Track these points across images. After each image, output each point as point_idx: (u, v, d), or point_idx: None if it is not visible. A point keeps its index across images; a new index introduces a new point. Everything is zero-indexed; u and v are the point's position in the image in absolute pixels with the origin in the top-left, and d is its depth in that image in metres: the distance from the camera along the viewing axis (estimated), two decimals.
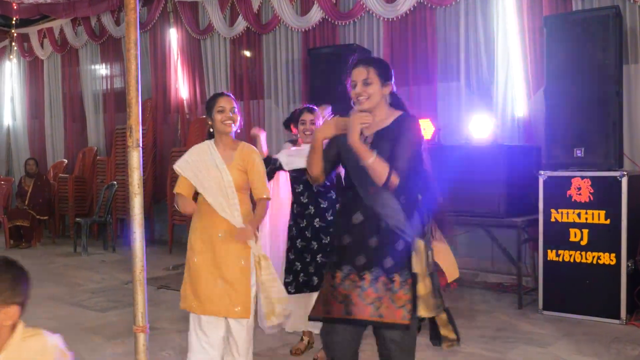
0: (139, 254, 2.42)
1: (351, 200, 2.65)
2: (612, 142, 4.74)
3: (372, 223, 2.58)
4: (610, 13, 4.76)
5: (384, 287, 2.52)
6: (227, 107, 3.20)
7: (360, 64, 2.67)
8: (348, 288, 2.55)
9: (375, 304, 2.51)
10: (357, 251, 2.58)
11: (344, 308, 2.55)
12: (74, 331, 4.63)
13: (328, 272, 2.66)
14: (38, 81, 11.32)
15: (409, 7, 6.51)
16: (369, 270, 2.54)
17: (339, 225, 2.69)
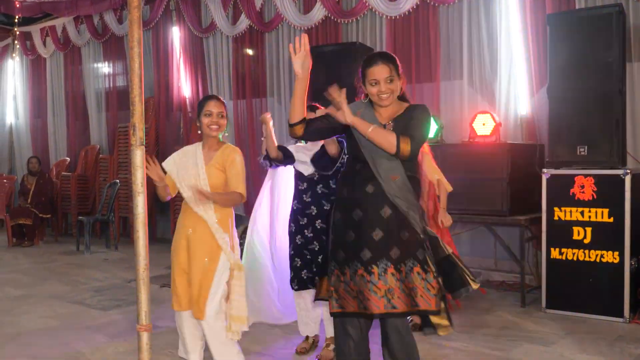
0: (143, 252, 2.42)
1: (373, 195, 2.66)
2: (615, 140, 4.73)
3: (373, 216, 2.65)
4: (613, 11, 4.75)
5: (393, 278, 2.61)
6: (215, 112, 3.25)
7: (380, 61, 2.69)
8: (359, 284, 2.62)
9: (387, 296, 2.60)
10: (362, 246, 2.65)
11: (359, 303, 2.63)
12: (76, 330, 4.63)
13: (336, 269, 2.70)
14: (40, 79, 11.33)
15: (412, 5, 6.50)
16: (376, 263, 2.62)
17: (343, 222, 2.71)
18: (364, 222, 2.66)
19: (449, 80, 6.43)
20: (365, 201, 2.67)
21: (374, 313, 2.60)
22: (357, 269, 2.65)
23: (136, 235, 2.42)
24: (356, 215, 2.69)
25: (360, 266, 2.64)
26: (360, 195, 2.68)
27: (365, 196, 2.67)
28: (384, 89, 2.67)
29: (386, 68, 2.66)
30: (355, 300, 2.66)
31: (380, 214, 2.64)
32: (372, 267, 2.61)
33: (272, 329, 4.42)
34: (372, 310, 2.60)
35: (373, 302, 2.59)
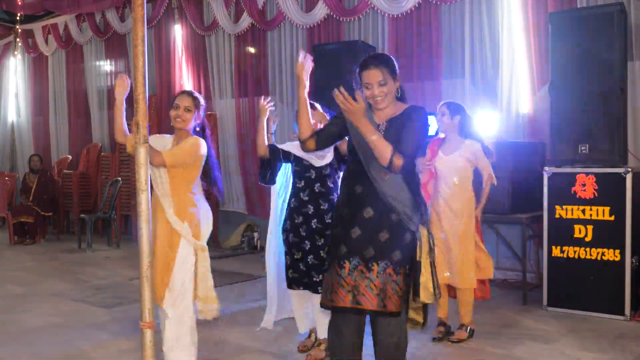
0: (146, 250, 2.43)
1: (361, 193, 2.72)
2: (616, 139, 4.74)
3: (383, 217, 2.67)
4: (614, 10, 4.75)
5: (389, 279, 2.64)
6: (181, 105, 3.41)
7: (372, 65, 2.72)
8: (357, 279, 2.65)
9: (381, 295, 2.63)
10: (366, 244, 2.67)
11: (352, 298, 2.65)
12: (79, 327, 4.65)
13: (335, 262, 2.73)
14: (42, 77, 11.34)
15: (414, 3, 6.50)
16: (377, 262, 2.65)
17: (350, 218, 2.73)
18: (347, 220, 2.73)
19: (451, 78, 6.44)
20: (352, 200, 2.73)
21: (337, 305, 2.68)
22: (331, 264, 2.74)
23: (140, 232, 2.43)
24: (343, 212, 2.77)
25: (335, 260, 2.73)
26: (349, 194, 2.76)
27: (353, 196, 2.73)
28: (376, 92, 2.70)
29: (378, 72, 2.69)
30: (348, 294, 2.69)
31: (363, 214, 2.69)
32: (344, 262, 2.68)
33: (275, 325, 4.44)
34: (336, 303, 2.67)
35: (340, 296, 2.66)
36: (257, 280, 6.27)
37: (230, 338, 4.36)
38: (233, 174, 8.44)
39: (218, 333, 4.46)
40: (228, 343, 4.25)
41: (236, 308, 5.19)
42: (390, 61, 2.76)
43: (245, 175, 8.27)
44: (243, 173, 8.29)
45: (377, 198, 2.67)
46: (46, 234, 9.64)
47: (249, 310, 5.09)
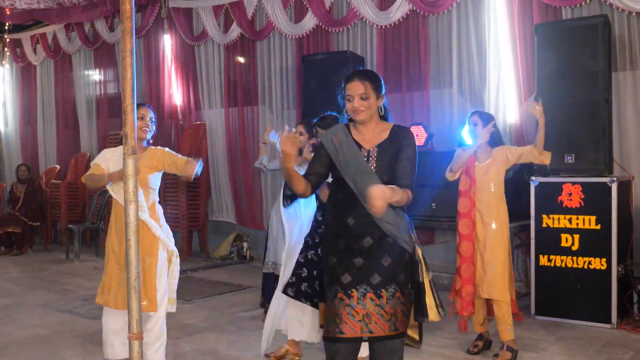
0: (134, 261, 2.43)
1: (354, 225, 2.68)
2: (602, 149, 4.80)
3: (382, 243, 2.67)
4: (599, 21, 4.83)
5: (398, 302, 2.65)
6: (147, 116, 3.57)
7: (357, 77, 2.72)
8: (367, 307, 2.64)
9: (392, 320, 2.64)
10: (372, 271, 2.65)
11: (363, 327, 2.63)
12: (66, 338, 4.62)
13: (340, 292, 2.67)
14: (31, 87, 11.29)
15: (402, 14, 6.56)
16: (385, 287, 2.64)
17: (350, 249, 2.69)
18: (346, 251, 2.70)
19: (439, 88, 6.49)
20: (347, 232, 2.69)
21: (350, 337, 2.65)
22: (336, 294, 2.69)
23: (128, 243, 2.43)
24: (340, 245, 2.72)
25: (341, 290, 2.68)
26: (342, 226, 2.71)
27: (347, 228, 2.70)
28: (356, 104, 2.69)
29: (361, 85, 2.69)
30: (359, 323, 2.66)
31: (362, 243, 2.67)
32: (351, 290, 2.65)
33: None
34: (348, 334, 2.64)
35: (350, 326, 2.64)
36: (247, 290, 6.27)
37: (220, 348, 4.35)
38: (222, 184, 8.44)
39: (207, 343, 4.45)
40: (217, 353, 4.24)
41: (225, 318, 5.18)
42: (375, 77, 2.76)
43: (234, 185, 8.27)
44: (233, 183, 8.29)
45: (372, 226, 2.64)
46: (33, 244, 9.57)
47: (238, 320, 5.08)
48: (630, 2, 5.17)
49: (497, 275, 3.94)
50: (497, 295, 3.94)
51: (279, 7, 7.54)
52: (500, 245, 3.98)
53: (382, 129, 2.76)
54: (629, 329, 4.61)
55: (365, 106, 2.69)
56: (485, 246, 3.98)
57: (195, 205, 8.40)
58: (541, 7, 5.71)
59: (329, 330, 2.70)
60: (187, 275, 7.18)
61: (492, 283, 3.95)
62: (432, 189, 5.72)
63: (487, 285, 3.96)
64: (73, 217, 9.66)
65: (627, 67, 5.34)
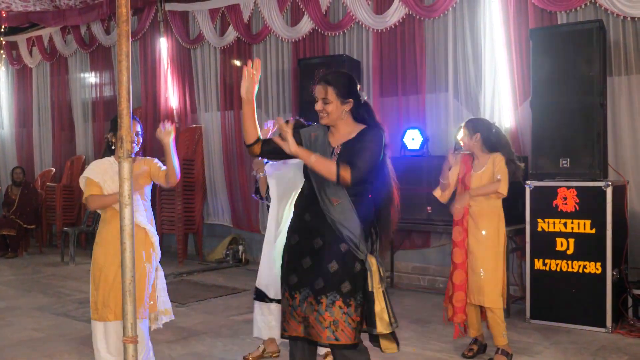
0: (129, 264, 2.42)
1: (311, 223, 2.73)
2: (597, 153, 4.81)
3: (332, 247, 2.67)
4: (594, 26, 4.85)
5: (340, 311, 2.63)
6: (133, 129, 3.48)
7: (321, 82, 2.76)
8: (306, 311, 2.67)
9: (332, 328, 2.62)
10: (316, 275, 2.67)
11: (304, 329, 2.68)
12: (61, 342, 4.60)
13: (287, 292, 2.75)
14: (26, 89, 11.27)
15: (398, 18, 6.58)
16: (326, 294, 2.64)
17: (300, 247, 2.74)
18: (297, 249, 2.74)
19: (435, 92, 6.51)
20: (302, 229, 2.74)
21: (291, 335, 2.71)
22: (284, 293, 2.76)
23: (123, 247, 2.42)
24: (293, 240, 2.77)
25: (287, 289, 2.74)
26: (299, 222, 2.77)
27: (303, 224, 2.74)
28: (319, 107, 2.75)
29: (322, 90, 2.73)
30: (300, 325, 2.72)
31: (312, 244, 2.69)
32: (295, 292, 2.70)
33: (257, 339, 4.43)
34: (290, 332, 2.71)
35: (293, 327, 2.69)
36: (242, 293, 6.26)
37: (215, 351, 4.34)
38: (218, 187, 8.44)
39: (202, 347, 4.44)
40: (212, 357, 4.23)
41: (220, 321, 5.17)
42: (340, 81, 2.75)
43: (230, 188, 8.27)
44: (229, 185, 8.29)
45: (326, 227, 2.67)
46: (28, 247, 9.54)
47: (233, 324, 5.07)
48: (625, 7, 5.20)
49: (488, 282, 3.92)
50: (488, 303, 3.93)
51: (275, 11, 7.55)
52: (491, 252, 3.96)
53: (352, 130, 2.78)
54: (623, 333, 4.62)
55: (327, 110, 2.73)
56: (475, 253, 3.97)
57: (191, 208, 8.39)
58: (536, 12, 5.74)
59: (281, 327, 2.80)
60: (183, 278, 7.17)
61: (483, 290, 3.93)
62: (427, 193, 5.73)
63: (478, 292, 3.95)
64: (68, 220, 9.64)
65: (622, 72, 5.36)
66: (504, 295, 4.04)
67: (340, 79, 2.78)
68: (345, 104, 2.75)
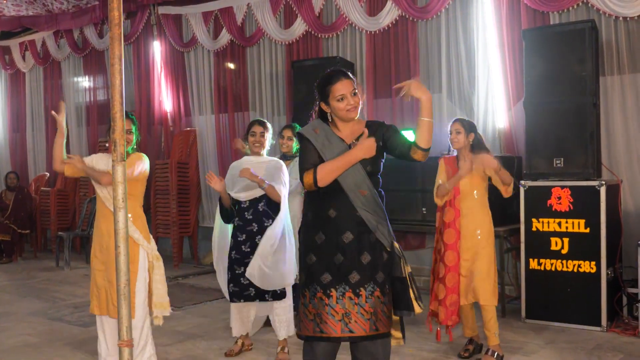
0: (124, 268, 2.42)
1: (336, 217, 2.71)
2: (590, 152, 4.83)
3: (362, 239, 2.69)
4: (586, 26, 4.88)
5: (378, 301, 2.65)
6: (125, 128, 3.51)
7: (344, 76, 2.76)
8: (346, 306, 2.64)
9: (372, 319, 2.64)
10: (351, 269, 2.67)
11: (343, 326, 2.64)
12: (56, 347, 4.59)
13: (319, 291, 2.69)
14: (20, 94, 11.23)
15: (391, 20, 6.60)
16: (364, 286, 2.65)
17: (329, 244, 2.71)
18: (325, 247, 2.72)
19: None
20: (328, 225, 2.72)
21: (330, 336, 2.65)
22: (315, 293, 2.71)
23: (117, 250, 2.41)
24: (319, 239, 2.74)
25: (320, 289, 2.69)
26: (323, 219, 2.74)
27: (328, 221, 2.72)
28: (352, 102, 2.74)
29: (350, 82, 2.76)
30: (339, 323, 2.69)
31: (342, 239, 2.69)
32: (330, 290, 2.67)
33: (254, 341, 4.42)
34: (329, 334, 2.65)
35: (330, 326, 2.65)
36: None
37: (211, 355, 4.33)
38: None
39: (198, 350, 4.43)
40: None
41: (216, 324, 5.16)
42: (352, 74, 2.86)
43: None
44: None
45: (353, 220, 2.68)
46: (23, 252, 9.50)
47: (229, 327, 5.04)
48: (617, 7, 5.22)
49: (483, 280, 3.92)
50: (483, 300, 3.92)
51: (268, 13, 7.56)
52: (486, 252, 3.97)
53: (359, 125, 2.83)
54: (618, 332, 4.64)
55: (357, 102, 2.77)
56: (471, 254, 3.97)
57: (186, 211, 8.38)
58: (529, 13, 5.76)
59: (308, 329, 2.70)
60: (178, 282, 7.15)
61: (478, 289, 3.93)
62: (422, 194, 5.77)
63: (474, 290, 3.95)
64: (63, 225, 9.61)
65: (615, 72, 5.39)
66: (496, 293, 4.03)
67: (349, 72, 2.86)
68: (362, 94, 2.84)
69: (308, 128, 2.83)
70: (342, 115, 2.76)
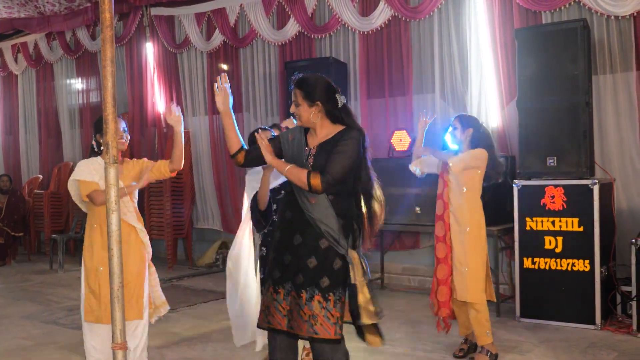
0: (117, 270, 2.41)
1: (290, 219, 2.80)
2: (583, 151, 4.85)
3: (311, 244, 2.73)
4: (578, 25, 4.89)
5: (319, 306, 2.68)
6: (120, 126, 3.52)
7: (294, 85, 2.85)
8: (291, 304, 2.73)
9: (310, 322, 2.67)
10: (297, 270, 2.74)
11: (287, 322, 2.74)
12: (51, 350, 4.57)
13: (271, 286, 2.81)
14: (12, 96, 11.18)
15: (384, 20, 6.61)
16: (305, 289, 2.70)
17: (282, 244, 2.82)
18: (279, 245, 2.83)
19: (422, 93, 6.53)
20: (284, 226, 2.83)
21: (275, 328, 2.76)
22: (268, 287, 2.83)
23: (110, 253, 2.41)
24: (276, 237, 2.87)
25: (271, 284, 2.81)
26: (281, 219, 2.87)
27: (285, 221, 2.83)
28: (292, 110, 2.87)
29: (293, 93, 2.83)
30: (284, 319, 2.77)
31: (292, 240, 2.76)
32: (279, 287, 2.77)
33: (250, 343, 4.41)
34: (274, 325, 2.77)
35: (277, 320, 2.75)
36: None
37: (206, 357, 4.32)
38: (208, 191, 8.41)
39: (193, 352, 4.42)
40: None
41: (211, 326, 5.15)
42: (305, 85, 2.79)
43: (220, 192, 8.24)
44: (218, 190, 8.26)
45: (305, 224, 2.73)
46: (17, 255, 9.45)
47: (224, 329, 5.05)
48: (608, 6, 5.25)
49: (471, 277, 3.90)
50: (471, 298, 3.90)
51: (261, 14, 7.55)
52: (476, 248, 3.93)
53: (330, 132, 2.82)
54: (612, 330, 4.66)
55: (298, 113, 2.82)
56: (459, 249, 3.94)
57: (180, 213, 8.36)
58: (521, 12, 5.78)
59: (260, 319, 2.83)
60: (173, 283, 7.13)
61: (466, 286, 3.90)
62: (416, 194, 5.78)
63: (461, 287, 3.93)
64: (56, 227, 9.57)
65: (607, 70, 5.41)
66: (489, 292, 4.02)
67: (308, 82, 2.81)
68: (313, 106, 2.78)
69: (287, 132, 2.96)
70: None
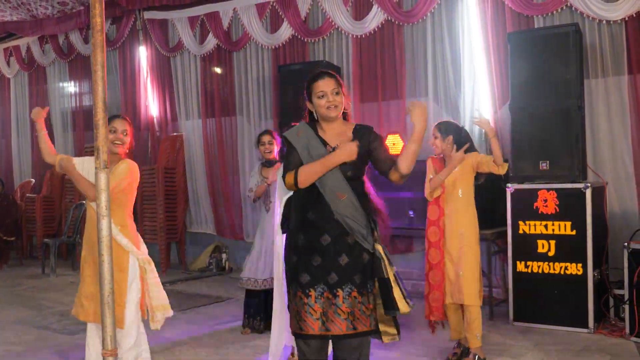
0: (108, 276, 2.40)
1: (314, 220, 2.77)
2: (575, 155, 4.86)
3: (340, 242, 2.73)
4: (570, 30, 4.92)
5: (355, 301, 2.71)
6: (119, 129, 3.44)
7: (326, 75, 2.82)
8: (324, 306, 2.71)
9: (349, 318, 2.69)
10: (328, 270, 2.72)
11: (321, 325, 2.71)
12: (43, 355, 4.53)
13: (299, 291, 2.76)
14: (5, 100, 11.14)
15: (377, 24, 6.61)
16: (341, 287, 2.71)
17: (308, 246, 2.77)
18: (304, 248, 2.78)
19: (415, 97, 6.53)
20: (307, 228, 2.78)
21: (308, 333, 2.73)
22: (295, 292, 2.78)
23: (101, 259, 2.40)
24: (299, 241, 2.81)
25: (299, 289, 2.76)
26: (303, 221, 2.80)
27: (307, 223, 2.78)
28: (331, 99, 2.78)
29: (332, 81, 2.80)
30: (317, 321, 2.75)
31: (320, 241, 2.74)
32: (309, 290, 2.73)
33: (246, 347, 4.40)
34: (307, 331, 2.73)
35: (309, 324, 2.72)
36: (226, 302, 6.22)
37: None
38: (201, 195, 8.39)
39: (186, 357, 4.40)
40: None
41: (204, 331, 5.13)
42: (339, 76, 2.88)
43: (213, 196, 8.22)
44: (211, 193, 8.24)
45: (331, 223, 2.73)
46: (9, 260, 9.39)
47: (217, 333, 5.03)
48: (600, 10, 5.27)
49: (467, 280, 3.91)
50: (467, 300, 3.91)
51: (254, 18, 7.55)
52: (471, 251, 3.96)
53: (346, 128, 2.86)
54: (605, 333, 4.66)
55: (338, 101, 2.79)
56: (455, 254, 3.96)
57: (173, 217, 8.33)
58: (514, 16, 5.80)
59: (292, 327, 2.81)
60: (166, 288, 7.05)
61: (462, 289, 3.92)
62: (409, 198, 5.77)
63: (457, 290, 3.94)
64: (49, 231, 9.52)
65: (599, 75, 5.43)
66: (481, 294, 4.03)
67: (337, 74, 2.89)
68: (346, 97, 2.86)
69: (292, 131, 2.88)
70: (322, 113, 2.81)
